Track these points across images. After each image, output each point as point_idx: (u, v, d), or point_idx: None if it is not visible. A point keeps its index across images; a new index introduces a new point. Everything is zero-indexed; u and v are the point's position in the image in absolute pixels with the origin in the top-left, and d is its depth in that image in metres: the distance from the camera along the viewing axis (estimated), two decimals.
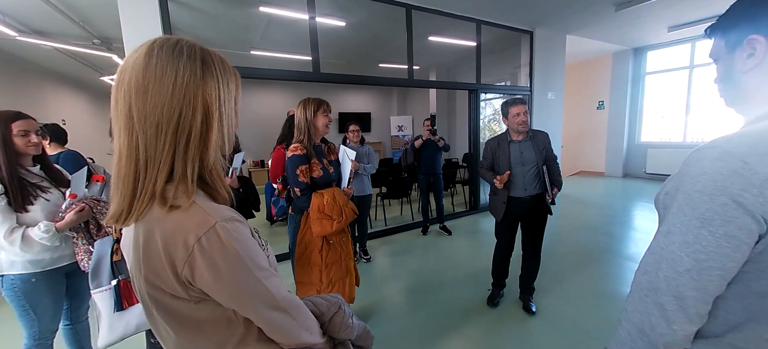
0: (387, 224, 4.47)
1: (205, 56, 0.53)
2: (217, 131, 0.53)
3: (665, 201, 0.65)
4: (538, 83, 5.36)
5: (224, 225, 0.50)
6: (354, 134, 3.28)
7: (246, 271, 0.52)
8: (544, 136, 2.25)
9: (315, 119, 1.71)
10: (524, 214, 2.27)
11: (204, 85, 0.51)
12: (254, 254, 0.54)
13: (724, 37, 0.63)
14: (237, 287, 0.51)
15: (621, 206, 5.13)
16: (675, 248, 0.55)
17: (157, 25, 2.69)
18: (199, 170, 0.53)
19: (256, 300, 0.54)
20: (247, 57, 5.87)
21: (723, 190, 0.50)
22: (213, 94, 0.52)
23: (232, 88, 0.57)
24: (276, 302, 0.57)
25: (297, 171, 1.65)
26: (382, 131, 9.96)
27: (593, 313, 2.29)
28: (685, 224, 0.54)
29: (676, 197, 0.57)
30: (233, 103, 0.58)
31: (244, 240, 0.52)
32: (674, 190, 0.60)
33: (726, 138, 0.54)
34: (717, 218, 0.50)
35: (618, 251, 3.39)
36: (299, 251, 1.72)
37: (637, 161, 7.23)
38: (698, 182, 0.53)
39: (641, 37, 6.16)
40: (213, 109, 0.52)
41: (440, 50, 6.43)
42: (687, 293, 0.52)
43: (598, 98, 7.68)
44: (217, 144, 0.53)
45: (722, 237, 0.50)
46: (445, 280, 2.89)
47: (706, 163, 0.53)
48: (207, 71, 0.52)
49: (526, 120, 2.13)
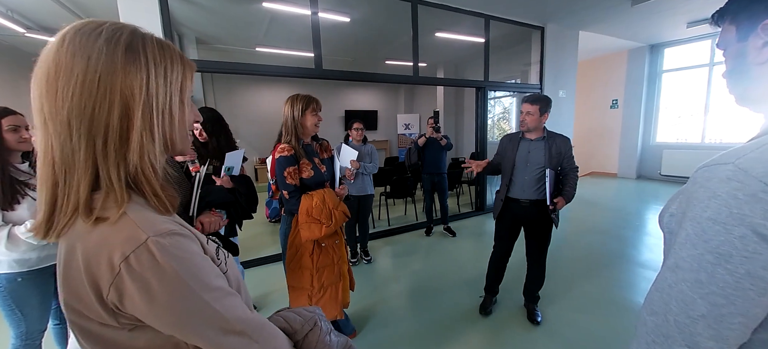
0: (390, 224, 4.39)
1: (132, 41, 0.45)
2: (143, 129, 0.45)
3: (670, 225, 0.55)
4: (548, 81, 5.19)
5: (159, 241, 0.43)
6: (357, 133, 3.21)
7: (189, 293, 0.44)
8: (563, 141, 2.09)
9: (303, 118, 1.64)
10: (525, 219, 2.16)
11: (124, 74, 0.43)
12: (201, 273, 0.47)
13: (735, 22, 0.53)
14: (178, 312, 0.44)
15: (634, 208, 4.94)
16: (686, 287, 0.45)
17: (156, 22, 2.65)
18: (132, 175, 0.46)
19: (203, 326, 0.47)
20: (252, 54, 5.85)
21: (741, 218, 0.40)
22: (136, 86, 0.44)
23: (175, 76, 0.49)
24: (230, 326, 0.49)
25: (285, 173, 1.58)
26: (388, 129, 9.87)
27: (602, 323, 2.17)
28: (696, 258, 0.44)
29: (684, 224, 0.48)
30: (177, 94, 0.49)
31: (186, 257, 0.45)
32: (680, 213, 0.51)
33: (739, 151, 0.44)
34: (735, 253, 0.40)
35: (630, 256, 3.24)
36: (290, 254, 1.66)
37: (651, 162, 6.97)
38: (709, 207, 0.43)
39: (658, 34, 5.90)
40: (134, 103, 0.44)
41: (448, 47, 6.29)
42: (703, 344, 0.43)
43: (611, 97, 7.42)
44: (144, 144, 0.46)
45: (744, 277, 0.40)
46: (446, 284, 2.79)
47: (717, 184, 0.43)
48: (131, 58, 0.44)
49: (525, 120, 2.04)
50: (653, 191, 5.96)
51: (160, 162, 0.50)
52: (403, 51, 5.90)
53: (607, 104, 7.51)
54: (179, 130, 0.50)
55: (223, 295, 0.49)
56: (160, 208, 0.49)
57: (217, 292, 0.48)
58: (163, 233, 0.44)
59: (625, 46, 6.60)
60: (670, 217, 0.56)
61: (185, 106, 0.52)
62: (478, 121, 4.82)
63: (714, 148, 5.99)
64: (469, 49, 6.37)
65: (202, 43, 5.38)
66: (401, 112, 9.78)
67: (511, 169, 2.09)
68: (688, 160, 6.27)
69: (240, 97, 7.79)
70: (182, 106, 0.51)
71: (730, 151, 0.46)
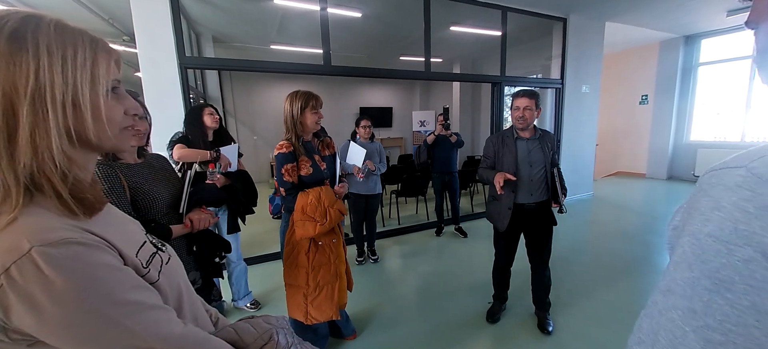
0: (401, 223, 4.32)
1: (18, 28, 0.40)
2: (35, 125, 0.40)
3: (671, 240, 0.45)
4: (570, 76, 4.93)
5: (46, 251, 0.38)
6: (365, 130, 3.14)
7: (87, 309, 0.40)
8: (550, 136, 2.01)
9: (302, 116, 1.59)
10: (526, 224, 2.02)
11: (5, 67, 0.39)
12: (105, 286, 0.42)
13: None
14: (74, 330, 0.40)
15: (663, 212, 4.61)
16: (677, 316, 0.36)
17: (166, 19, 2.69)
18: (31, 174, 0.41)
19: (111, 344, 0.42)
20: (267, 52, 5.92)
21: (748, 237, 0.31)
22: (21, 78, 0.39)
23: (81, 64, 0.44)
24: (148, 345, 0.44)
25: (282, 170, 1.55)
26: (403, 127, 9.77)
27: (619, 339, 2.00)
28: (690, 283, 0.36)
29: (680, 241, 0.38)
30: (87, 84, 0.44)
31: (82, 268, 0.40)
32: (681, 227, 0.41)
33: (757, 151, 0.35)
34: (739, 280, 0.31)
35: (656, 264, 3.01)
36: (287, 251, 1.63)
37: (684, 162, 6.49)
38: (710, 220, 0.34)
39: (694, 24, 5.46)
40: (18, 97, 0.39)
41: (464, 41, 6.11)
42: None
43: (641, 92, 6.96)
44: (37, 141, 0.41)
45: (747, 311, 0.30)
46: (454, 287, 2.69)
47: (722, 193, 0.34)
48: (14, 49, 0.39)
49: (524, 117, 1.87)
50: (685, 193, 5.54)
51: (77, 161, 0.45)
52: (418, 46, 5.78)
53: (636, 100, 7.06)
54: (95, 123, 0.45)
55: (139, 310, 0.45)
56: (67, 211, 0.44)
57: (131, 307, 0.44)
58: (53, 242, 0.39)
59: (657, 37, 6.16)
60: (672, 230, 0.46)
61: (104, 96, 0.47)
62: (494, 118, 4.64)
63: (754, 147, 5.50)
64: (486, 44, 6.16)
65: (218, 41, 5.49)
66: (416, 109, 9.64)
67: (516, 174, 1.91)
68: (724, 160, 5.79)
69: (257, 94, 7.93)
70: (97, 97, 0.45)
71: (747, 152, 0.37)
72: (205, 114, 2.11)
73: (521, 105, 1.87)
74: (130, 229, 0.61)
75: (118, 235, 0.51)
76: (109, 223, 0.53)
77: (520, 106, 1.87)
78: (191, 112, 2.17)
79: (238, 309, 2.43)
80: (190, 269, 1.33)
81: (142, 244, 0.57)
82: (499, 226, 2.03)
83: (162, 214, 1.22)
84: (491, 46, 6.26)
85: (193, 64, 3.17)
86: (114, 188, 1.07)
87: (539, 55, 6.21)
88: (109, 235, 0.48)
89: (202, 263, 1.40)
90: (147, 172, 1.22)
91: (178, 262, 0.68)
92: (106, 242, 0.46)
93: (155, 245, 0.64)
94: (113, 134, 0.49)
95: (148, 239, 0.63)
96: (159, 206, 1.20)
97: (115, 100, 0.50)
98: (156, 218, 1.19)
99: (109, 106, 0.47)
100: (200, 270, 1.37)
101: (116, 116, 0.50)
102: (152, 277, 0.53)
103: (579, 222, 4.12)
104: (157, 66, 2.72)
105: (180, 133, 2.11)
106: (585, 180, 5.53)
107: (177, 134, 2.11)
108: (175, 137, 2.07)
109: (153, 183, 1.22)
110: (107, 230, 0.49)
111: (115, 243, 0.48)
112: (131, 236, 0.57)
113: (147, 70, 2.71)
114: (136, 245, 0.55)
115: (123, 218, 0.63)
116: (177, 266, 0.66)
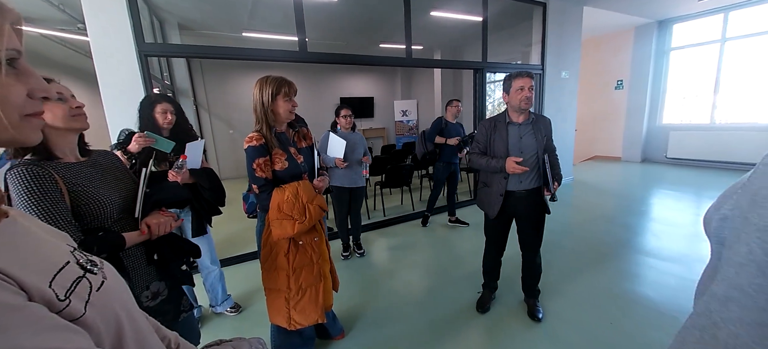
0: (386, 215, 4.23)
1: None
2: None
3: (720, 231, 0.37)
4: (550, 61, 4.94)
5: None
6: (346, 120, 3.00)
7: None
8: (546, 121, 1.94)
9: (274, 104, 1.43)
10: (518, 211, 1.97)
11: None
12: None
13: None
14: None
15: (639, 194, 4.75)
16: (742, 331, 0.30)
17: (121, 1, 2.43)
18: None
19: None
20: (240, 40, 5.59)
21: None
22: None
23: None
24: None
25: (254, 165, 1.40)
26: (385, 117, 9.63)
27: (606, 323, 2.01)
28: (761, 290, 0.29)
29: (745, 236, 0.32)
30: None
31: None
32: (739, 218, 0.33)
33: None
34: None
35: (637, 245, 3.07)
36: (264, 253, 1.49)
37: (657, 145, 6.74)
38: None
39: (667, 8, 5.59)
40: None
41: (445, 27, 6.01)
42: None
43: (616, 77, 7.13)
44: None
45: None
46: (443, 278, 2.64)
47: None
48: None
49: (530, 97, 1.78)
50: (659, 175, 5.77)
51: None
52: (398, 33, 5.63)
53: (612, 85, 7.24)
54: None
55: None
56: None
57: None
58: None
59: (632, 22, 6.28)
60: (721, 220, 0.38)
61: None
62: (477, 104, 4.59)
63: (724, 129, 5.76)
64: (467, 30, 6.08)
65: (185, 28, 5.13)
66: (398, 99, 9.52)
67: (506, 158, 1.86)
68: (696, 142, 6.05)
69: (232, 85, 7.54)
70: None
71: None
72: (157, 110, 1.78)
73: (526, 85, 1.77)
74: (45, 249, 0.46)
75: (21, 259, 0.38)
76: (7, 243, 0.40)
77: (523, 86, 1.78)
78: (142, 105, 1.82)
79: (219, 315, 2.27)
80: (152, 280, 1.17)
81: (63, 266, 0.44)
82: (490, 213, 1.99)
83: (113, 220, 1.05)
84: (471, 32, 6.19)
85: (154, 52, 2.90)
86: (47, 192, 0.90)
87: (517, 41, 6.20)
88: (3, 261, 0.35)
89: (167, 272, 1.25)
90: (92, 173, 1.05)
91: (117, 283, 0.54)
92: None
93: (84, 266, 0.50)
94: (11, 123, 0.37)
95: (76, 259, 0.49)
96: (109, 211, 1.03)
97: (14, 78, 0.36)
98: (105, 226, 1.03)
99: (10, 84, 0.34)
100: (164, 280, 1.22)
101: (15, 98, 0.37)
102: (75, 310, 0.40)
103: (562, 207, 4.17)
104: (112, 55, 2.45)
105: (127, 132, 1.77)
106: (566, 165, 5.62)
107: (123, 133, 1.78)
108: (121, 137, 1.76)
109: (100, 185, 1.04)
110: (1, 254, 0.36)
111: (13, 272, 0.35)
112: (45, 259, 0.44)
113: (101, 60, 2.44)
114: (52, 270, 0.42)
115: (36, 233, 0.48)
116: (115, 290, 0.53)
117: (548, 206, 1.96)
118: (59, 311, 0.38)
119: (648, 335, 1.86)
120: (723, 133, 5.71)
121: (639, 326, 1.94)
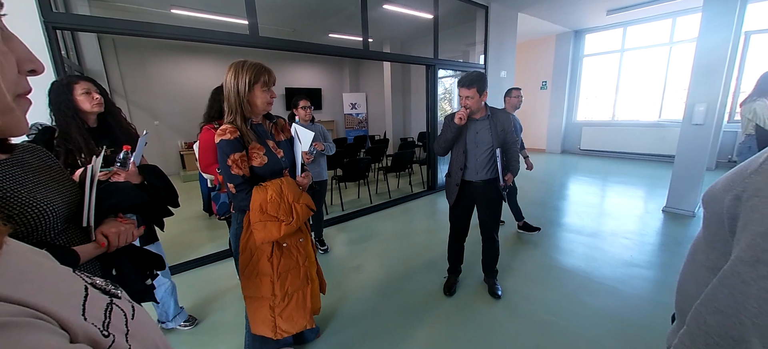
0: (344, 209, 4.19)
1: None
2: None
3: (734, 209, 0.48)
4: (492, 61, 5.36)
5: None
6: (305, 112, 2.87)
7: None
8: (504, 116, 2.13)
9: (251, 94, 1.29)
10: (477, 199, 2.19)
11: None
12: None
13: None
14: None
15: (562, 181, 5.50)
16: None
17: None
18: None
19: None
20: (166, 17, 4.89)
21: None
22: None
23: None
24: None
25: (229, 161, 1.25)
26: (334, 109, 9.44)
27: (553, 291, 2.32)
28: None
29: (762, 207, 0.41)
30: None
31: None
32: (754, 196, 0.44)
33: None
34: None
35: (566, 225, 3.57)
36: (244, 259, 1.37)
37: (573, 138, 7.85)
38: None
39: (582, 20, 6.49)
40: None
41: (394, 22, 6.09)
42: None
43: (541, 79, 8.07)
44: None
45: None
46: (409, 267, 2.74)
47: None
48: None
49: (468, 104, 1.97)
50: (574, 164, 6.74)
51: None
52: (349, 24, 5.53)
53: (538, 85, 8.17)
54: None
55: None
56: None
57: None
58: None
59: (554, 30, 7.15)
60: (734, 200, 0.48)
61: None
62: (429, 100, 4.79)
63: (623, 125, 6.96)
64: (416, 26, 6.25)
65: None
66: (347, 91, 9.40)
67: (464, 152, 2.07)
68: (601, 135, 7.21)
69: (157, 70, 6.59)
70: None
71: None
72: (77, 92, 1.44)
73: (462, 95, 1.97)
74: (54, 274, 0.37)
75: (44, 287, 0.31)
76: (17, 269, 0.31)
77: (461, 95, 1.97)
78: (54, 90, 1.45)
79: (171, 331, 2.02)
80: None
81: (86, 294, 0.36)
82: (449, 201, 2.21)
83: (57, 231, 0.84)
84: (419, 28, 6.38)
85: (66, 24, 2.39)
86: None
87: (460, 41, 6.59)
88: (29, 293, 0.28)
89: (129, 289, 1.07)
90: (19, 174, 0.81)
91: (143, 311, 0.47)
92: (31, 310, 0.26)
93: (104, 290, 0.42)
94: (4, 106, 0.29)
95: (90, 282, 0.41)
96: (51, 221, 0.81)
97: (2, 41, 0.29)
98: (47, 240, 0.83)
99: None
100: None
101: (9, 72, 0.29)
102: (121, 345, 0.34)
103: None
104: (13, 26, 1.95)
105: (40, 127, 1.44)
106: None
107: (36, 127, 1.44)
108: (31, 136, 1.40)
109: (34, 188, 0.81)
110: (22, 284, 0.28)
111: (45, 305, 0.28)
112: (63, 284, 0.36)
113: None
114: (78, 299, 0.34)
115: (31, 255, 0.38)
116: (146, 318, 0.45)
117: (505, 197, 2.18)
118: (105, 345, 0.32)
119: (583, 299, 2.21)
120: (622, 129, 6.91)
121: (576, 293, 2.28)
